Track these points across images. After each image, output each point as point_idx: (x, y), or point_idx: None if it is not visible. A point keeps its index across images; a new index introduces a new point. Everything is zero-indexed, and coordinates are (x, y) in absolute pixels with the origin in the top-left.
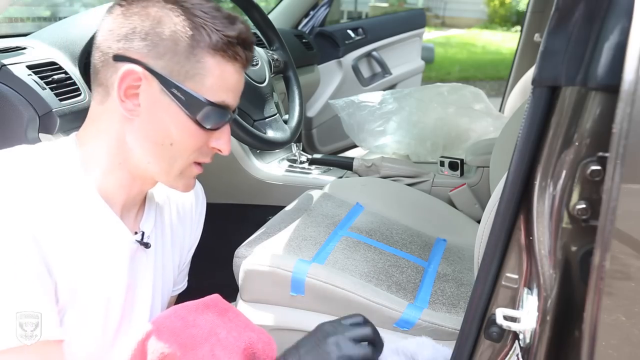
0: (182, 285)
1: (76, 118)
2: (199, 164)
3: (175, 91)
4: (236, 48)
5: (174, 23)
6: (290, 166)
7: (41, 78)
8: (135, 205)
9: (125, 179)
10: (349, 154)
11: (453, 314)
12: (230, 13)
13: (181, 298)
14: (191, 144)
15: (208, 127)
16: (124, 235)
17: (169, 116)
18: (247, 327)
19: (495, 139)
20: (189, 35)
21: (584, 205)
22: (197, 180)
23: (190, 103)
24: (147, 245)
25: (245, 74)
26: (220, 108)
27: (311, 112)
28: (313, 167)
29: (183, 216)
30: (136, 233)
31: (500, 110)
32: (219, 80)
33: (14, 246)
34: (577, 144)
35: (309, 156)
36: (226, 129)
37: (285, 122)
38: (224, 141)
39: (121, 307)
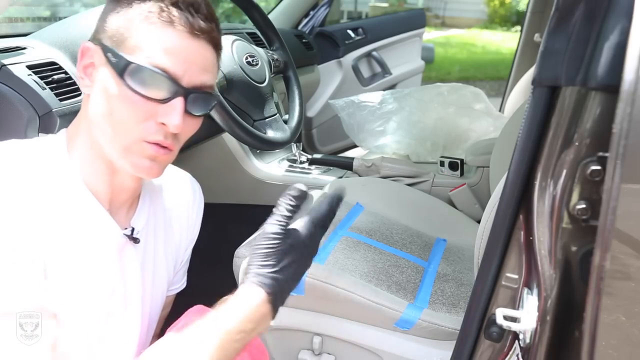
0: (181, 284)
1: None
2: (155, 144)
3: (111, 56)
4: (171, 10)
5: None
6: (290, 166)
7: (41, 78)
8: (127, 201)
9: (102, 168)
10: (349, 154)
11: (453, 314)
12: None
13: (181, 298)
14: (131, 115)
15: (145, 94)
16: (110, 228)
17: (108, 84)
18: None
19: (495, 139)
20: (129, 3)
21: (584, 205)
22: (193, 179)
23: (119, 65)
24: (136, 241)
25: (246, 74)
26: (158, 74)
27: (311, 112)
28: (313, 167)
29: (179, 215)
30: (126, 229)
31: (500, 110)
32: (154, 44)
33: (4, 243)
34: (577, 144)
35: (309, 156)
36: (176, 104)
37: (285, 122)
38: (172, 117)
39: (109, 300)
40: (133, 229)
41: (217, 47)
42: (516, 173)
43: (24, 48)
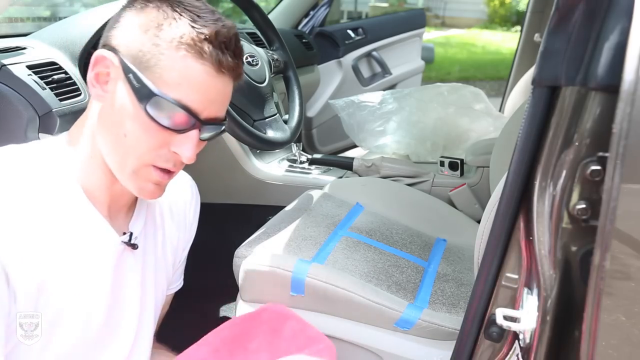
0: (178, 284)
1: (76, 118)
2: (162, 170)
3: (132, 77)
4: (203, 45)
5: (153, 12)
6: (290, 166)
7: (41, 78)
8: (125, 205)
9: (104, 177)
10: (349, 154)
11: (453, 314)
12: (217, 14)
13: (181, 297)
14: (145, 141)
15: (163, 124)
16: (109, 236)
17: (125, 104)
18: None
19: (495, 139)
20: (158, 24)
21: (584, 205)
22: (190, 178)
23: (142, 91)
24: (134, 247)
25: (246, 73)
26: (179, 107)
27: (311, 112)
28: (313, 167)
29: (176, 215)
30: (124, 234)
31: (500, 110)
32: (180, 77)
33: None
34: (577, 144)
35: (309, 156)
36: (192, 136)
37: (285, 122)
38: (186, 147)
39: (106, 307)
40: (131, 234)
41: (238, 79)
42: (516, 173)
43: (24, 48)
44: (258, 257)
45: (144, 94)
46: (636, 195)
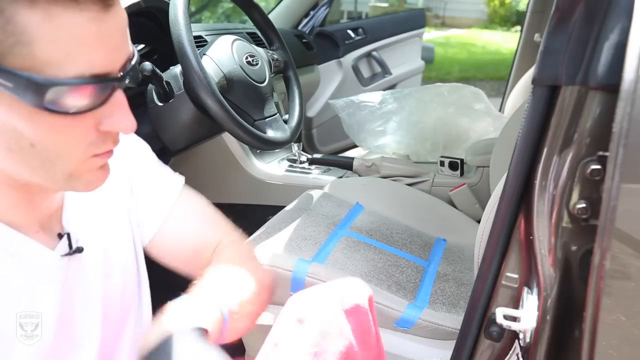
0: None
1: None
2: (105, 153)
3: (2, 80)
4: None
5: None
6: (290, 166)
7: None
8: (56, 208)
9: (15, 197)
10: (349, 154)
11: (453, 314)
12: None
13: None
14: (63, 140)
15: (75, 110)
16: (40, 255)
17: (8, 111)
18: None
19: (495, 139)
20: None
21: (584, 205)
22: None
23: (23, 88)
24: (79, 251)
25: (246, 73)
26: (83, 82)
27: (311, 112)
28: (313, 167)
29: (122, 180)
30: (60, 235)
31: (500, 110)
32: (58, 42)
33: None
34: (577, 143)
35: (309, 156)
36: (118, 101)
37: (285, 122)
38: (118, 118)
39: (53, 333)
40: (69, 236)
41: None
42: (516, 173)
43: None
44: (258, 257)
45: (28, 90)
46: (636, 195)
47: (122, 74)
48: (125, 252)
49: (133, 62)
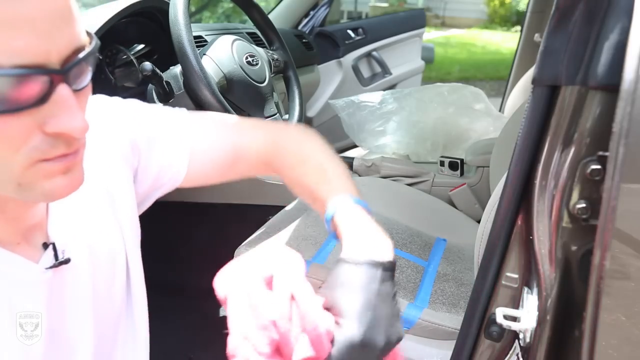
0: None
1: None
2: (59, 157)
3: None
4: None
5: None
6: None
7: None
8: (38, 217)
9: None
10: (349, 154)
11: (453, 314)
12: None
13: (181, 297)
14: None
15: (5, 108)
16: (22, 268)
17: None
18: None
19: (495, 139)
20: None
21: (584, 205)
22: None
23: None
24: (65, 262)
25: (246, 73)
26: (10, 76)
27: (311, 112)
28: None
29: (107, 166)
30: (45, 245)
31: (500, 110)
32: None
33: None
34: (577, 143)
35: None
36: (62, 98)
37: (286, 122)
38: (65, 119)
39: (43, 345)
40: (54, 246)
41: None
42: (516, 173)
43: None
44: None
45: None
46: (636, 195)
47: (64, 67)
48: (114, 256)
49: (82, 55)
